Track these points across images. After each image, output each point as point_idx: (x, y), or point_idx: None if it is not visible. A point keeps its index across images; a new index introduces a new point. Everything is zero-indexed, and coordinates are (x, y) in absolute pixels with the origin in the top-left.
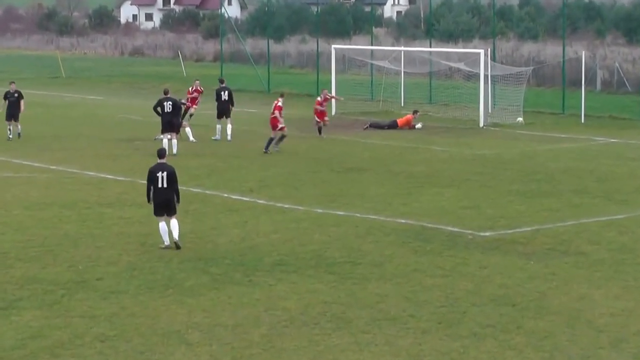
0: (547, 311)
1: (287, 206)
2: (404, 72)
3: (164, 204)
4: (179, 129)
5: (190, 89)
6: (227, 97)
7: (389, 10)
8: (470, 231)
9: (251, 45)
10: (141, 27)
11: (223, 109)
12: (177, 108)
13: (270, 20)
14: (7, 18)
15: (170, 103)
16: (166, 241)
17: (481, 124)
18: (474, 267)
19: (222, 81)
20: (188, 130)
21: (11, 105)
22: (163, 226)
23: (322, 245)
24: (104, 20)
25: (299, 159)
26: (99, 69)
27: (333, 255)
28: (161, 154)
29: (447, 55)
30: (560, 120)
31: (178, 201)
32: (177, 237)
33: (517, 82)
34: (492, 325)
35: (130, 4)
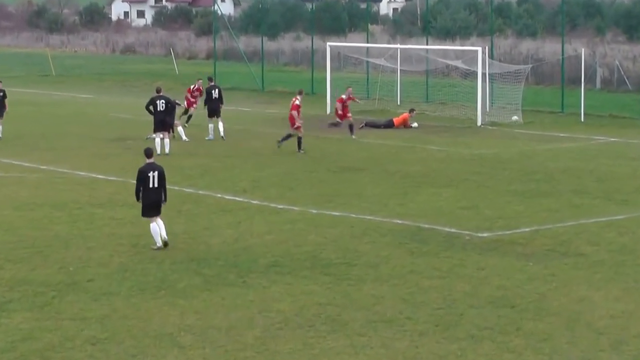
0: (546, 313)
1: (281, 206)
2: (400, 70)
3: (154, 204)
4: (171, 128)
5: (192, 87)
6: (218, 96)
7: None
8: (467, 232)
9: (245, 42)
10: (133, 24)
11: (214, 108)
12: (170, 107)
13: (264, 17)
14: None
15: (163, 101)
16: (158, 242)
17: (479, 122)
18: (472, 268)
19: (212, 79)
20: (180, 129)
21: None
22: (155, 227)
23: (317, 246)
24: (94, 17)
25: (293, 159)
26: (89, 67)
27: (328, 257)
28: (150, 153)
29: (444, 53)
30: (560, 119)
31: (165, 200)
32: (166, 235)
33: (515, 80)
34: (490, 328)
35: (122, 1)
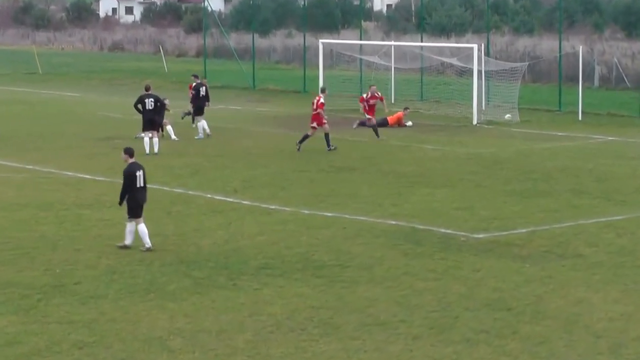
0: (544, 316)
1: (273, 207)
2: (395, 67)
3: (141, 204)
4: (160, 127)
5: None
6: (205, 93)
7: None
8: (463, 233)
9: (235, 39)
10: (121, 20)
11: (201, 106)
12: (160, 105)
13: (255, 14)
14: None
15: (151, 100)
16: (147, 243)
17: (474, 121)
18: (467, 270)
19: (198, 77)
20: (169, 128)
21: None
22: (143, 228)
23: (309, 247)
24: (82, 13)
25: (285, 158)
26: (77, 65)
27: (321, 258)
28: (132, 152)
29: (439, 50)
30: (557, 117)
31: (146, 200)
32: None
33: (511, 78)
34: (486, 331)
35: None
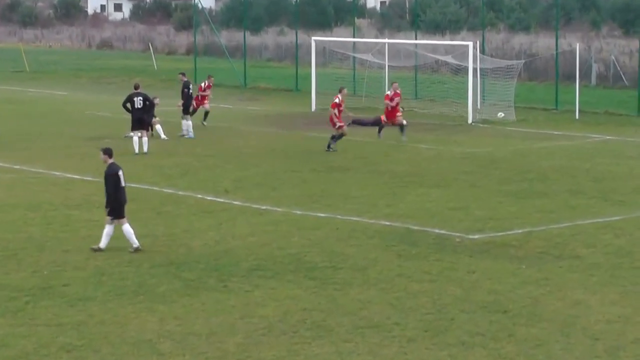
0: (540, 318)
1: (264, 207)
2: (388, 65)
3: (124, 204)
4: (149, 126)
5: (203, 84)
6: (191, 92)
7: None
8: (458, 234)
9: (226, 37)
10: (110, 18)
11: (189, 104)
12: (149, 104)
13: (247, 11)
14: None
15: (140, 99)
16: (135, 243)
17: (470, 120)
18: (463, 271)
19: (185, 74)
20: (159, 127)
21: None
22: (128, 228)
23: (301, 248)
24: (70, 10)
25: (277, 158)
26: (65, 63)
27: (313, 260)
28: (112, 152)
29: (434, 48)
30: (554, 116)
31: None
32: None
33: (507, 76)
34: (482, 334)
35: None
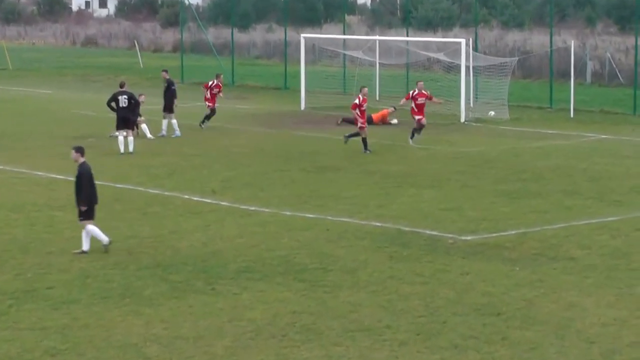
0: (534, 321)
1: (253, 208)
2: (379, 63)
3: (95, 205)
4: (135, 125)
5: (211, 83)
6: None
7: None
8: (451, 235)
9: (214, 34)
10: (94, 14)
11: (173, 103)
12: (134, 103)
13: (235, 8)
14: None
15: (125, 97)
16: (105, 239)
17: (462, 119)
18: (455, 273)
19: (168, 71)
20: (144, 127)
21: None
22: (93, 227)
23: (291, 250)
24: (54, 7)
25: (266, 157)
26: (49, 60)
27: (303, 262)
28: (84, 150)
29: (426, 45)
30: (548, 115)
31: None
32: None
33: (501, 74)
34: (475, 337)
35: None
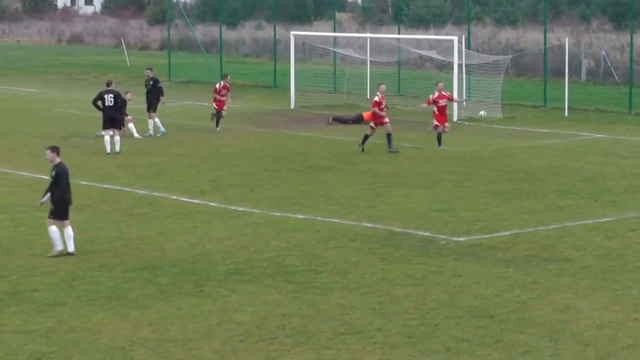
0: (529, 323)
1: (242, 209)
2: (370, 61)
3: (69, 205)
4: (121, 124)
5: (218, 86)
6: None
7: None
8: (443, 236)
9: (202, 31)
10: (80, 12)
11: (151, 102)
12: (120, 102)
13: (223, 4)
14: None
15: (111, 96)
16: (71, 247)
17: (455, 118)
18: (448, 275)
19: (152, 70)
20: (131, 126)
21: None
22: (71, 231)
23: (280, 252)
24: (39, 4)
25: (255, 157)
26: (33, 59)
27: (293, 263)
28: (59, 150)
29: (418, 43)
30: (542, 113)
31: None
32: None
33: (494, 72)
34: (468, 340)
35: None
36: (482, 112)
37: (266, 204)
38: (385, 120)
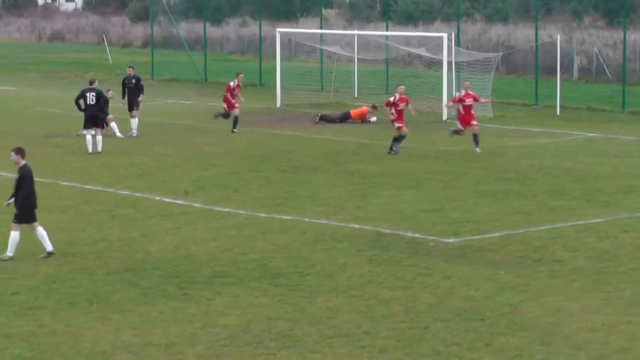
0: (519, 326)
1: (226, 210)
2: (358, 58)
3: (35, 208)
4: (104, 123)
5: (232, 84)
6: (134, 86)
7: None
8: (432, 237)
9: (185, 28)
10: (61, 8)
11: (132, 100)
12: (103, 101)
13: (207, 1)
14: None
15: (93, 94)
16: (49, 246)
17: (444, 116)
18: (437, 277)
19: (133, 67)
20: (114, 125)
21: None
22: (42, 231)
23: (266, 254)
24: (18, 0)
25: (240, 157)
26: (13, 56)
27: (279, 265)
28: (24, 152)
29: (406, 40)
30: (533, 112)
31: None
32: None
33: (484, 70)
34: (458, 343)
35: None
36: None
37: (251, 205)
38: (399, 124)
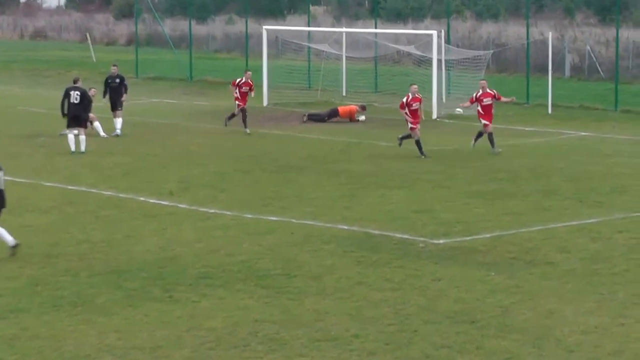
0: (511, 329)
1: (212, 211)
2: (346, 56)
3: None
4: (88, 122)
5: (239, 81)
6: (118, 85)
7: None
8: (422, 238)
9: (170, 26)
10: (44, 5)
11: (115, 100)
12: (87, 101)
13: None
14: None
15: (78, 93)
16: (11, 240)
17: (434, 115)
18: (427, 279)
19: (117, 66)
20: (97, 124)
21: None
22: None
23: (252, 255)
24: None
25: (226, 157)
26: None
27: (265, 267)
28: None
29: (395, 38)
30: (525, 111)
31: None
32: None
33: (475, 68)
34: (448, 346)
35: None
36: (459, 109)
37: (238, 206)
38: (412, 125)
